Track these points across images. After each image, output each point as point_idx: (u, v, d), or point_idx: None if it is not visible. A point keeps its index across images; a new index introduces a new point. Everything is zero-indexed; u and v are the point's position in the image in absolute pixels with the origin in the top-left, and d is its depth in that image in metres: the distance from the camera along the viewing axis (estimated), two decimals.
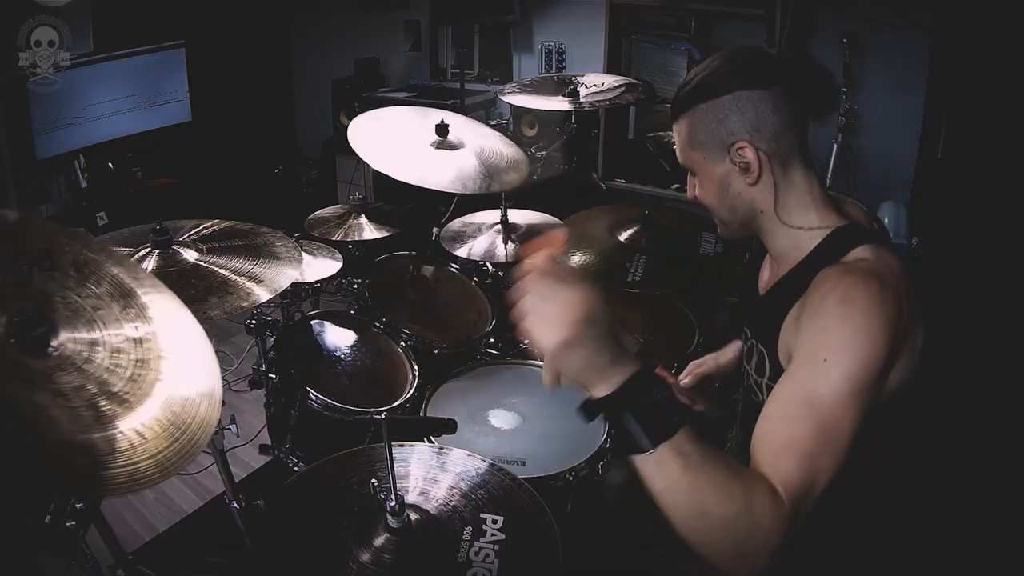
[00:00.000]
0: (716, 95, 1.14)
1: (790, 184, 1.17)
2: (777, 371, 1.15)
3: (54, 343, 0.93)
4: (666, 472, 0.90)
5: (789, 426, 0.98)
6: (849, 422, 0.96)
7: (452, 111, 3.64)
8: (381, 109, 2.35)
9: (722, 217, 1.26)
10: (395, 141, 2.14)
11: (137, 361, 0.98)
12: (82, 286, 1.02)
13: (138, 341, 1.01)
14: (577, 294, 0.91)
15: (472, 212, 2.45)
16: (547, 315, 0.92)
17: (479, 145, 2.22)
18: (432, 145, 2.16)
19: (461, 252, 2.14)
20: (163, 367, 1.00)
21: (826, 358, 0.99)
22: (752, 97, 1.12)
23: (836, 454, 0.95)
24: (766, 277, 1.32)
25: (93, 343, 0.97)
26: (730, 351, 1.64)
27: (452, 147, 2.17)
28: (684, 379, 1.63)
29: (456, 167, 2.10)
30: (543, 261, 0.95)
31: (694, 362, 1.67)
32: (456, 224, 2.27)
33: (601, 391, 0.91)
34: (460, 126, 2.27)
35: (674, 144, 1.26)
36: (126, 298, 1.06)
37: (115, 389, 0.93)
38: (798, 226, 1.17)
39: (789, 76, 1.14)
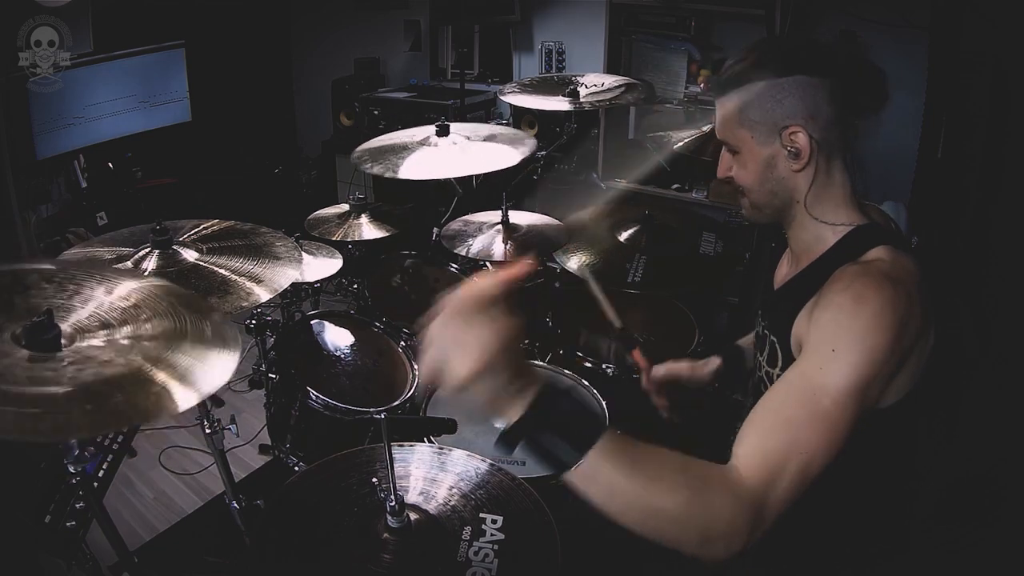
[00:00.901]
0: (776, 74, 1.13)
1: (829, 178, 1.17)
2: (789, 362, 1.15)
3: (64, 341, 0.99)
4: (602, 479, 0.88)
5: (786, 409, 0.99)
6: (846, 415, 0.97)
7: (452, 111, 3.69)
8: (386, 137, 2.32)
9: (758, 200, 1.23)
10: (423, 154, 2.15)
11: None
12: (62, 291, 1.08)
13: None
14: (495, 323, 0.86)
15: (472, 212, 2.44)
16: (463, 343, 0.85)
17: (486, 132, 2.24)
18: (451, 144, 2.16)
19: (461, 252, 2.14)
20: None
21: (835, 348, 1.00)
22: (813, 83, 1.11)
23: (828, 444, 0.96)
24: (784, 271, 1.32)
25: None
26: (711, 364, 1.62)
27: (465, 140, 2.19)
28: (658, 371, 1.61)
29: (487, 150, 2.12)
30: (471, 291, 0.89)
31: (672, 360, 1.65)
32: (456, 224, 2.27)
33: (514, 415, 0.89)
34: (458, 125, 2.28)
35: (710, 122, 1.23)
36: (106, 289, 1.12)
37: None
38: (824, 220, 1.17)
39: (845, 69, 1.13)
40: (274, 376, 1.94)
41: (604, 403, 1.83)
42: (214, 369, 1.02)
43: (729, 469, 0.94)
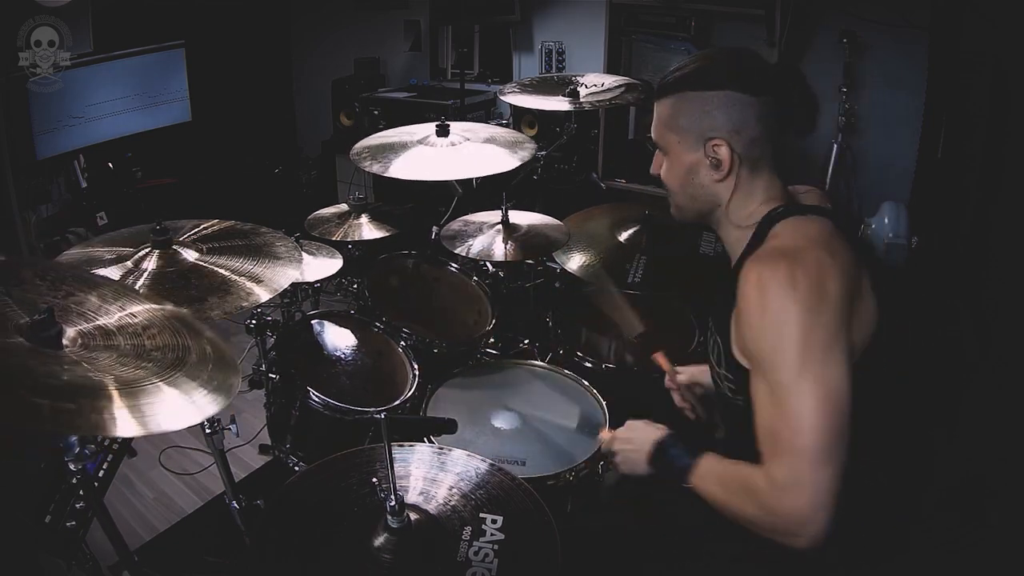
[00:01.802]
0: (708, 87, 1.18)
1: (751, 188, 1.22)
2: (731, 362, 1.21)
3: (65, 339, 0.99)
4: (707, 496, 1.16)
5: (764, 420, 1.07)
6: (815, 392, 1.01)
7: (452, 111, 3.69)
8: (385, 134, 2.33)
9: (680, 202, 1.30)
10: (421, 154, 2.16)
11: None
12: (56, 289, 1.09)
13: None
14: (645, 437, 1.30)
15: (472, 212, 2.45)
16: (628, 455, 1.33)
17: (486, 134, 2.26)
18: (448, 145, 2.17)
19: (461, 252, 2.14)
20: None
21: (763, 357, 1.07)
22: (741, 100, 1.16)
23: (823, 423, 1.01)
24: None
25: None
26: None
27: (464, 141, 2.21)
28: (682, 375, 1.65)
29: (482, 154, 2.15)
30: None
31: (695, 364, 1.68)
32: (456, 224, 2.27)
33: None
34: (458, 124, 2.29)
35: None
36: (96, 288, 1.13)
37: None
38: (742, 224, 1.23)
39: (780, 89, 1.18)
40: (274, 376, 1.94)
41: (604, 403, 1.83)
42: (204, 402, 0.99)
43: (775, 486, 1.04)
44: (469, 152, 2.16)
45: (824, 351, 1.03)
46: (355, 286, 2.33)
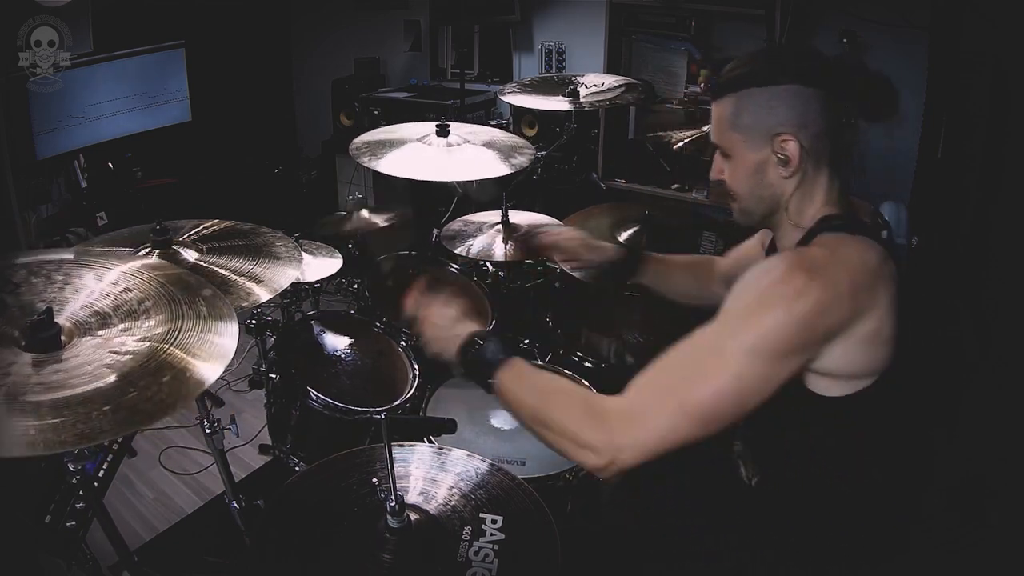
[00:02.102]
0: (770, 82, 1.14)
1: (813, 186, 1.18)
2: None
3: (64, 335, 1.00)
4: (510, 396, 1.17)
5: (678, 353, 1.07)
6: (732, 371, 1.01)
7: (452, 111, 3.69)
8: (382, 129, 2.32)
9: (746, 206, 1.24)
10: (419, 154, 2.15)
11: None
12: (51, 283, 1.10)
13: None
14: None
15: (472, 212, 2.45)
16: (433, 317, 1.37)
17: (486, 137, 2.25)
18: (446, 146, 2.16)
19: (461, 252, 2.14)
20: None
21: (725, 314, 1.07)
22: (806, 93, 1.13)
23: (711, 395, 1.02)
24: None
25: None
26: (608, 253, 1.71)
27: (462, 143, 2.20)
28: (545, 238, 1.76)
29: (476, 159, 2.13)
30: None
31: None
32: (456, 224, 2.27)
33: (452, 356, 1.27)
34: (457, 125, 2.28)
35: (705, 126, 1.27)
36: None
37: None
38: (799, 224, 1.20)
39: (843, 82, 1.15)
40: (274, 376, 1.94)
41: None
42: (216, 349, 1.02)
43: (613, 397, 1.07)
44: (466, 154, 2.15)
45: (771, 358, 1.02)
46: (355, 286, 2.33)
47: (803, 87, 1.13)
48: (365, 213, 2.52)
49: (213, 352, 1.02)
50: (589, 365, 2.04)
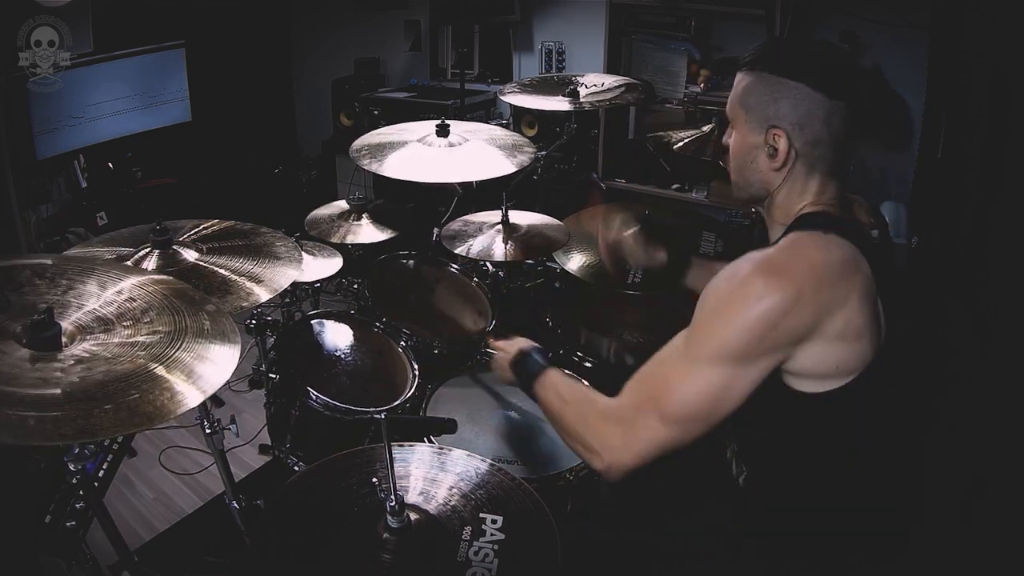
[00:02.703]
0: (784, 74, 1.15)
1: (802, 188, 1.19)
2: None
3: (64, 336, 1.00)
4: (541, 400, 1.30)
5: (655, 367, 1.15)
6: (716, 380, 1.06)
7: (452, 111, 3.69)
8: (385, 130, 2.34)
9: (736, 179, 1.29)
10: (419, 154, 2.17)
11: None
12: (55, 287, 1.11)
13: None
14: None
15: (472, 212, 2.45)
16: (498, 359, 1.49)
17: (486, 135, 2.27)
18: (447, 146, 2.17)
19: (461, 252, 2.14)
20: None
21: (696, 324, 1.11)
22: (813, 97, 1.13)
23: (695, 396, 1.07)
24: None
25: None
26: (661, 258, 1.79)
27: (464, 142, 2.22)
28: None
29: (477, 158, 2.16)
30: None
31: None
32: (456, 224, 2.27)
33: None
34: (458, 124, 2.30)
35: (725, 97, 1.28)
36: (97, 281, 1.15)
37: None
38: (779, 221, 1.22)
39: (858, 99, 1.15)
40: (274, 376, 1.94)
41: None
42: (217, 364, 1.03)
43: (611, 399, 1.16)
44: (467, 154, 2.16)
45: (740, 359, 1.05)
46: (355, 286, 2.33)
47: (814, 91, 1.12)
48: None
49: (215, 361, 1.03)
50: (589, 365, 2.04)
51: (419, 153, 2.14)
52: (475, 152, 2.17)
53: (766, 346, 1.05)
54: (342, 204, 2.54)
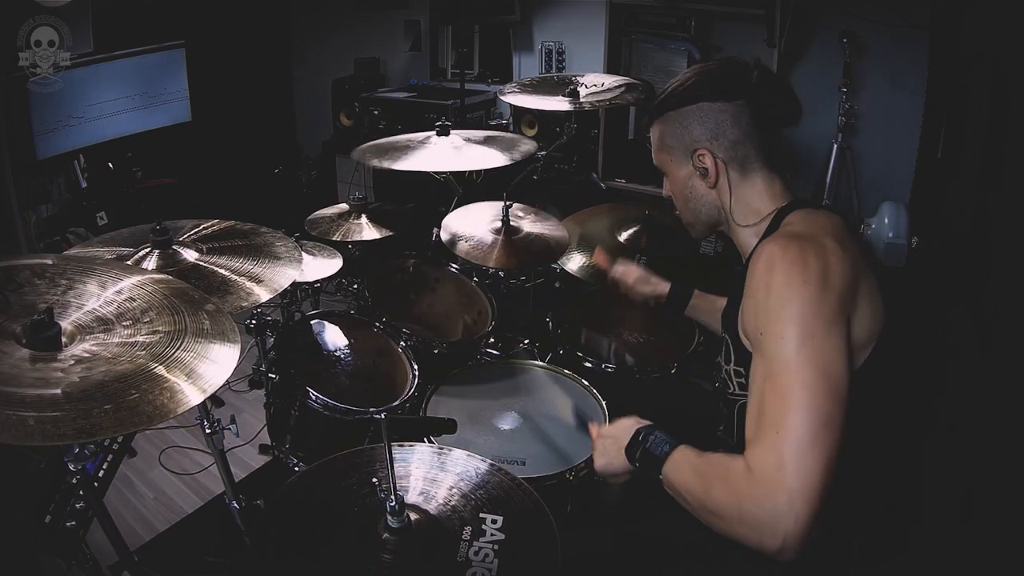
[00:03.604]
0: (683, 104, 1.26)
1: (748, 188, 1.27)
2: (741, 355, 1.21)
3: (64, 336, 1.01)
4: (677, 487, 1.13)
5: (755, 398, 1.07)
6: (809, 372, 1.00)
7: (452, 111, 3.69)
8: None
9: (688, 218, 1.38)
10: (427, 150, 2.23)
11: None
12: (55, 286, 1.11)
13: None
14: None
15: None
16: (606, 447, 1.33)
17: (484, 134, 2.31)
18: (452, 148, 2.22)
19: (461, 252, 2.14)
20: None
21: (762, 332, 1.07)
22: (714, 108, 1.23)
23: (812, 403, 0.99)
24: None
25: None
26: (658, 288, 1.86)
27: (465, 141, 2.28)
28: (616, 270, 1.94)
29: (478, 151, 2.23)
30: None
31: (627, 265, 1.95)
32: (457, 224, 2.26)
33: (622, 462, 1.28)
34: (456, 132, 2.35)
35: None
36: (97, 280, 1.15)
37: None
38: (748, 224, 1.27)
39: (754, 90, 1.23)
40: (274, 376, 1.94)
41: (604, 403, 1.84)
42: (217, 363, 1.03)
43: (751, 470, 1.01)
44: (472, 150, 2.21)
45: (824, 334, 1.03)
46: (355, 286, 2.33)
47: (710, 103, 1.23)
48: None
49: (216, 360, 1.04)
50: (589, 365, 2.04)
51: (426, 148, 2.18)
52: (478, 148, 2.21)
53: (836, 303, 1.05)
54: (343, 206, 2.55)
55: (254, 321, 1.98)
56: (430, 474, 1.35)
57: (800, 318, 1.03)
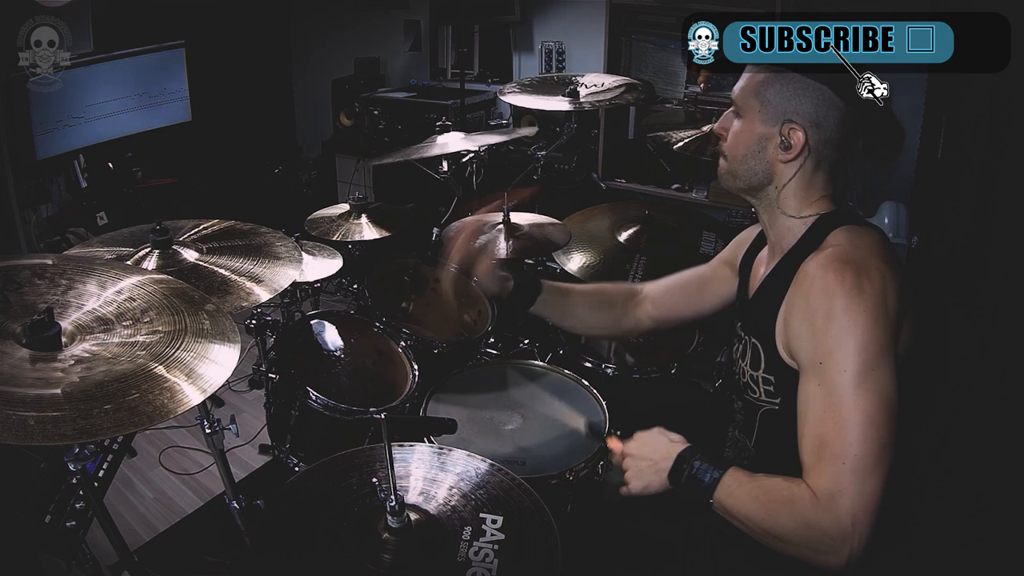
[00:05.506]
0: (810, 75, 1.20)
1: (810, 182, 1.25)
2: (774, 363, 1.20)
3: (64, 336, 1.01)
4: (734, 513, 1.12)
5: (813, 426, 1.08)
6: (871, 401, 1.03)
7: (452, 111, 3.70)
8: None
9: (735, 168, 1.29)
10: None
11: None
12: (55, 286, 1.11)
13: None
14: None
15: (472, 212, 2.45)
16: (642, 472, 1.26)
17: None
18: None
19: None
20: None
21: (822, 361, 1.08)
22: (833, 101, 1.20)
23: (873, 433, 1.03)
24: (761, 271, 1.33)
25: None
26: (504, 284, 1.62)
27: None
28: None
29: (483, 137, 2.32)
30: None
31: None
32: (456, 224, 2.27)
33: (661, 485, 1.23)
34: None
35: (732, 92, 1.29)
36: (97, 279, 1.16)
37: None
38: (791, 215, 1.26)
39: (868, 108, 1.21)
40: (274, 376, 1.94)
41: (604, 403, 1.83)
42: (217, 363, 1.03)
43: (818, 497, 1.04)
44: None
45: (883, 362, 1.06)
46: (355, 286, 2.33)
47: (834, 96, 1.20)
48: None
49: (216, 360, 1.04)
50: (589, 365, 2.04)
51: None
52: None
53: (890, 330, 1.07)
54: (343, 206, 2.55)
55: (254, 321, 1.98)
56: (430, 474, 1.35)
57: (863, 350, 1.05)
